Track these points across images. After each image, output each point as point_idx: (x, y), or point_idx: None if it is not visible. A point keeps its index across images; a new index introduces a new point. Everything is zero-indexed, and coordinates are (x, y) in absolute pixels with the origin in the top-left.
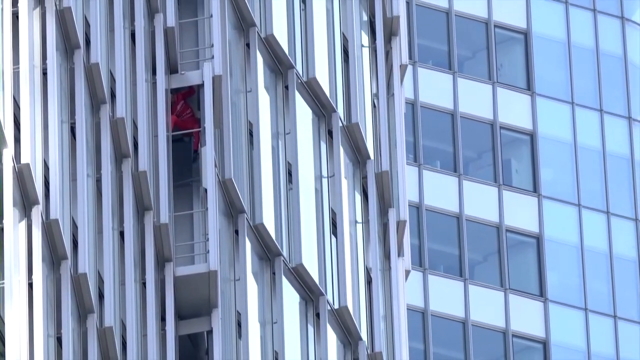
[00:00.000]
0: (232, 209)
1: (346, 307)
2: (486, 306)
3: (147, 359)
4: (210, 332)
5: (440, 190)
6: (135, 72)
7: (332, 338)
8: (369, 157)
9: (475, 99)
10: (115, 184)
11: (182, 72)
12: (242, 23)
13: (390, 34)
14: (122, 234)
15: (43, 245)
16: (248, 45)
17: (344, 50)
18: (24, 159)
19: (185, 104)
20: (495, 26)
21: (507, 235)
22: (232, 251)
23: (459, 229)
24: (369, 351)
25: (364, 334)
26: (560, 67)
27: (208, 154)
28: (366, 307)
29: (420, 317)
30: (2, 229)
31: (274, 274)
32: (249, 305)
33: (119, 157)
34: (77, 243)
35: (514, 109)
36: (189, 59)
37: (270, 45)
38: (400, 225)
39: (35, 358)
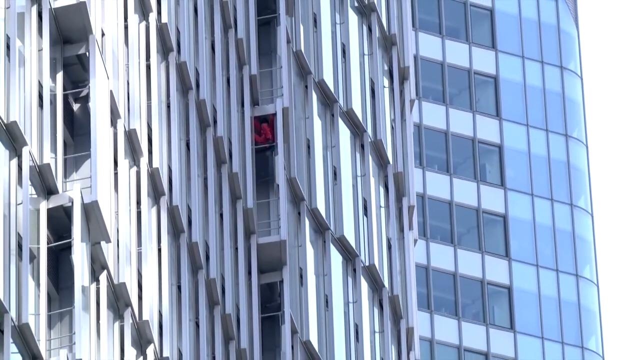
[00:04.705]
0: (296, 198)
1: (374, 264)
2: (469, 263)
3: (239, 300)
4: (282, 281)
5: (437, 185)
6: (229, 105)
7: (364, 286)
8: (389, 162)
9: (461, 122)
10: (216, 181)
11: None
12: (302, 71)
13: (403, 78)
14: (221, 215)
15: (168, 223)
16: (306, 87)
17: (372, 89)
18: (155, 165)
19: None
20: (474, 73)
21: (483, 215)
22: (296, 226)
23: (450, 211)
24: (389, 295)
25: (386, 283)
26: (519, 101)
27: (279, 160)
28: (387, 264)
29: (424, 271)
30: (140, 212)
31: (324, 242)
32: (307, 263)
33: (219, 163)
34: (191, 221)
35: (487, 129)
36: (266, 96)
37: (321, 87)
38: (410, 208)
39: (163, 300)
